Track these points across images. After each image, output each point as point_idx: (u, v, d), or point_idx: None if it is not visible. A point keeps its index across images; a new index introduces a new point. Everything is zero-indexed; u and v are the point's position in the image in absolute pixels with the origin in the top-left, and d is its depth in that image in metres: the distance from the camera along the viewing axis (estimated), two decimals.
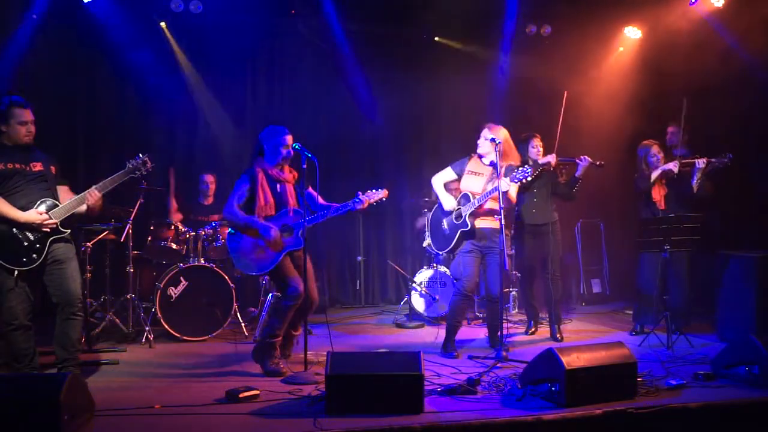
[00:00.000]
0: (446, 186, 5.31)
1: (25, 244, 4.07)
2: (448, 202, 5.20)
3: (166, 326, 5.71)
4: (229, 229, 4.81)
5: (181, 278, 5.82)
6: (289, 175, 4.84)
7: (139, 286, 6.23)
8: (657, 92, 7.58)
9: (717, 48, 6.86)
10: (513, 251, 7.00)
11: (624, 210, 6.47)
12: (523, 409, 3.75)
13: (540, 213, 5.76)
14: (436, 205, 5.43)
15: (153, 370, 4.83)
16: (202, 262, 6.00)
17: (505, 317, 5.24)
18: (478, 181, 5.14)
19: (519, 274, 7.10)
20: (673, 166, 5.65)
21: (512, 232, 5.88)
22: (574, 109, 7.62)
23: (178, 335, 5.72)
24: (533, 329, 5.98)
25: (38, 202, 4.10)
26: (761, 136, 6.73)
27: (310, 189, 4.94)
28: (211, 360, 5.14)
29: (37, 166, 4.18)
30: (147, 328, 5.68)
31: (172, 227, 6.17)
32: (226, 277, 5.90)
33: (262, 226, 4.61)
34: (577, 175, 5.68)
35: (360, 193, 4.80)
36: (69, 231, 4.22)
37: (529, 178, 4.85)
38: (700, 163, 5.60)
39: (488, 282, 5.25)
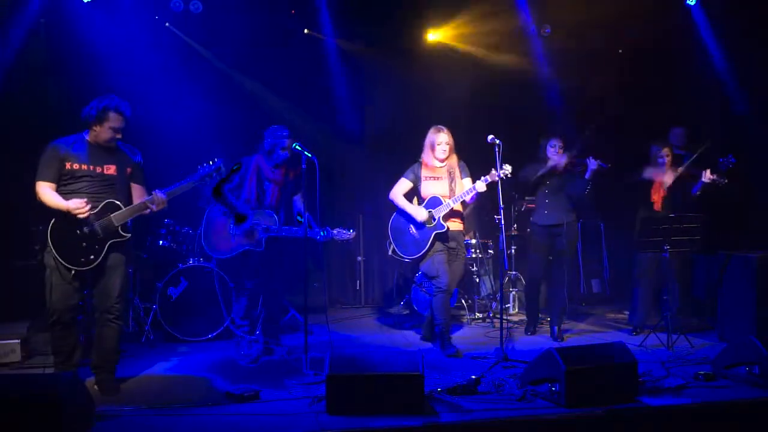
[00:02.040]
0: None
1: (84, 244, 4.08)
2: (421, 213, 5.23)
3: (166, 326, 5.71)
4: (214, 204, 5.05)
5: (181, 278, 5.83)
6: (281, 177, 5.07)
7: (138, 286, 6.22)
8: (657, 92, 7.59)
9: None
10: (512, 251, 7.02)
11: (624, 210, 6.46)
12: (523, 409, 3.75)
13: (552, 213, 5.70)
14: (395, 214, 5.48)
15: (153, 371, 4.83)
16: (202, 262, 6.00)
17: (505, 317, 5.25)
18: (441, 185, 5.27)
19: (518, 274, 7.12)
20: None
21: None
22: (572, 108, 7.66)
23: (177, 335, 5.71)
24: (533, 329, 5.97)
25: (102, 204, 4.10)
26: (761, 135, 6.74)
27: (299, 197, 5.14)
28: (211, 360, 5.14)
29: (111, 169, 4.19)
30: (147, 328, 5.68)
31: (172, 227, 6.17)
32: (226, 277, 5.90)
33: (250, 213, 4.91)
34: (586, 177, 5.58)
35: (329, 228, 4.96)
36: (129, 236, 4.21)
37: (508, 176, 5.01)
38: (706, 177, 5.57)
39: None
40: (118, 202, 4.15)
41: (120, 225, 4.14)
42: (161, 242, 6.12)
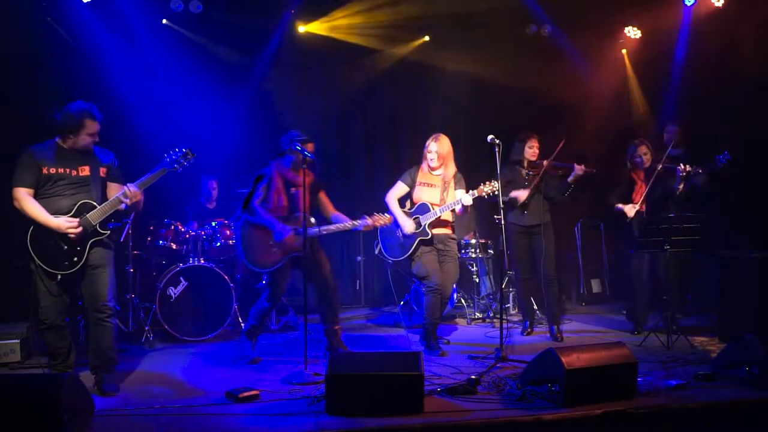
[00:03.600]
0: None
1: (66, 248, 4.07)
2: (408, 225, 5.29)
3: (166, 326, 5.71)
4: (246, 218, 4.96)
5: (181, 278, 5.83)
6: (305, 179, 4.96)
7: (138, 286, 6.22)
8: (655, 91, 7.60)
9: (715, 47, 6.89)
10: (510, 251, 7.02)
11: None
12: (523, 409, 3.75)
13: (532, 214, 5.77)
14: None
15: (153, 370, 4.83)
16: (202, 262, 6.00)
17: (505, 317, 5.27)
18: (433, 192, 5.32)
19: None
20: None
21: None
22: (573, 108, 7.66)
23: (177, 335, 5.72)
24: (529, 329, 5.98)
25: (77, 205, 4.09)
26: (761, 134, 6.74)
27: (323, 195, 5.18)
28: (211, 360, 5.14)
29: (84, 170, 4.17)
30: (147, 328, 5.68)
31: (172, 227, 6.17)
32: (226, 277, 5.90)
33: (278, 228, 4.83)
34: (569, 180, 5.67)
35: (365, 215, 5.01)
36: (108, 232, 4.20)
37: (495, 193, 5.02)
38: (682, 170, 5.59)
39: (443, 281, 5.31)
40: (92, 202, 4.13)
41: (98, 223, 4.13)
42: (161, 242, 6.12)
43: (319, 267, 5.06)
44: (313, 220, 5.00)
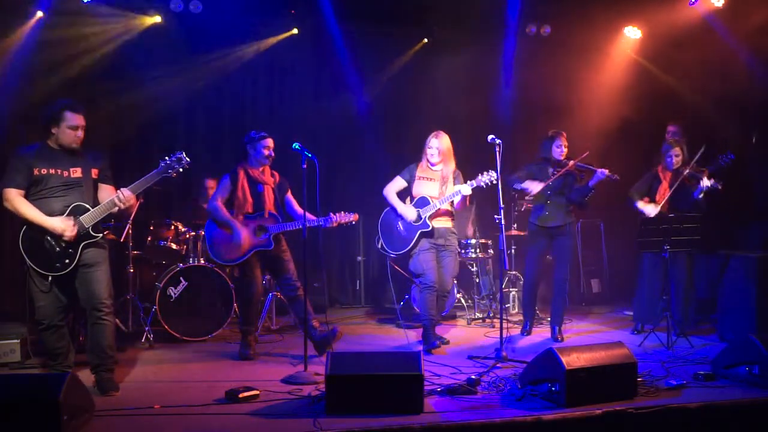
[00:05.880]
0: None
1: (57, 249, 4.06)
2: (410, 213, 5.36)
3: (166, 326, 5.70)
4: (210, 216, 5.21)
5: (181, 278, 5.82)
6: (270, 178, 5.26)
7: (138, 286, 6.22)
8: (654, 92, 7.59)
9: (714, 47, 6.89)
10: (512, 251, 7.04)
11: (624, 210, 6.47)
12: (523, 409, 3.75)
13: (554, 215, 5.73)
14: (386, 210, 5.58)
15: (153, 370, 4.83)
16: (202, 262, 6.00)
17: (505, 317, 5.28)
18: (432, 186, 5.39)
19: (518, 274, 7.12)
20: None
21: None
22: (572, 108, 7.67)
23: (177, 335, 5.71)
24: (529, 329, 5.97)
25: (70, 207, 4.08)
26: (761, 134, 6.74)
27: (290, 195, 5.35)
28: (211, 360, 5.14)
29: (77, 172, 4.15)
30: (147, 328, 5.68)
31: (172, 227, 6.16)
32: (226, 278, 5.90)
33: (236, 228, 5.07)
34: (590, 185, 5.59)
35: (331, 213, 5.11)
36: (101, 235, 4.19)
37: (494, 182, 5.08)
38: (704, 183, 5.53)
39: (442, 276, 5.38)
40: (85, 204, 4.12)
41: (90, 226, 4.12)
42: (161, 242, 6.11)
43: (283, 265, 5.20)
44: (275, 215, 5.18)
